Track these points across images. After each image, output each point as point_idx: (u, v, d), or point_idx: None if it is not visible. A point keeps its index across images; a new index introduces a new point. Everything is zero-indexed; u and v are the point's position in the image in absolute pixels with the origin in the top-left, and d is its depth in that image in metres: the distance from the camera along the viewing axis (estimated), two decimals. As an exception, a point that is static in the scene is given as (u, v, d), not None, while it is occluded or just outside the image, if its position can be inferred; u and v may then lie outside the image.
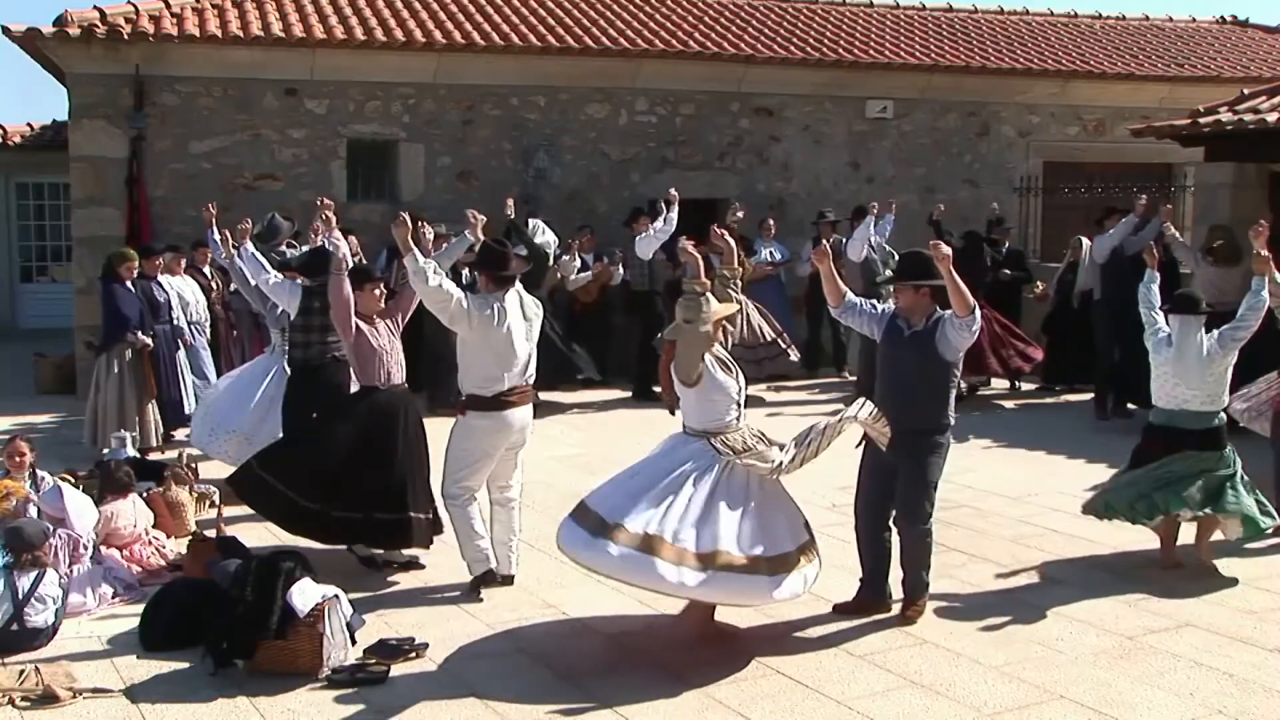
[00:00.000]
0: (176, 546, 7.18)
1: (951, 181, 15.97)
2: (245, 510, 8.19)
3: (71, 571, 6.25)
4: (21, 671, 5.32)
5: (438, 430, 6.88)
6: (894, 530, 6.24)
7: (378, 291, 6.95)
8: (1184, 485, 6.81)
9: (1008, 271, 12.92)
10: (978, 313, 5.88)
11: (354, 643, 5.65)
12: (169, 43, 12.77)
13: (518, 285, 6.61)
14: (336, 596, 5.63)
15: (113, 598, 6.40)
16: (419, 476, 6.80)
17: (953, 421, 6.13)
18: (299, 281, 7.93)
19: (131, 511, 7.05)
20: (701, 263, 6.10)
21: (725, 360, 5.88)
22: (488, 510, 6.73)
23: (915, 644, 5.86)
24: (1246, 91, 13.79)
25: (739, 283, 6.44)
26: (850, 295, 6.29)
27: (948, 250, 5.83)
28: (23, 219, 18.33)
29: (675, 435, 5.94)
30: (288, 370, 8.38)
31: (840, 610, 6.25)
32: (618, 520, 5.49)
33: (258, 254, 8.52)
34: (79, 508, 6.61)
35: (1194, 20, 20.61)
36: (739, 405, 5.86)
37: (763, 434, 5.92)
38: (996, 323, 12.11)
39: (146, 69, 12.88)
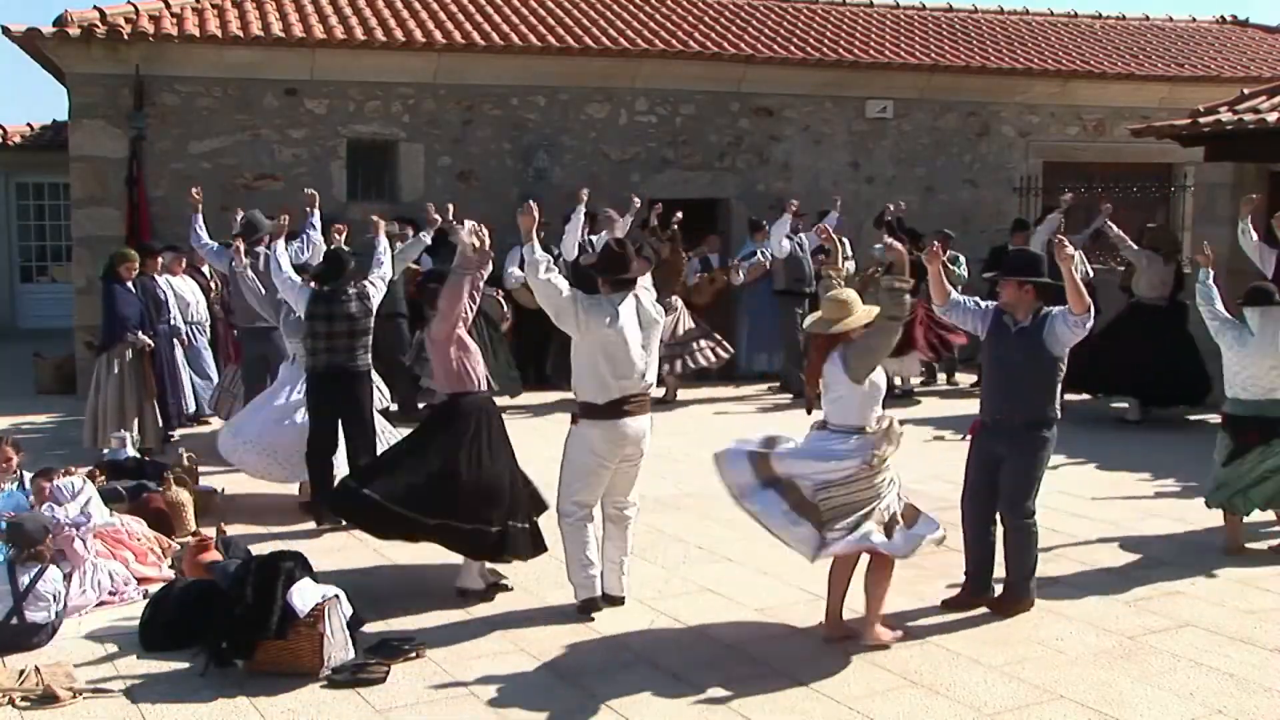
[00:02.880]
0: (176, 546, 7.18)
1: (951, 181, 15.97)
2: (246, 509, 8.24)
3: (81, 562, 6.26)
4: (21, 671, 5.31)
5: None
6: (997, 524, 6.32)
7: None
8: None
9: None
10: (1091, 311, 5.95)
11: (354, 643, 5.65)
12: (169, 43, 12.77)
13: (641, 289, 6.23)
14: (337, 596, 5.62)
15: (111, 594, 6.39)
16: (513, 483, 6.50)
17: (1059, 415, 6.22)
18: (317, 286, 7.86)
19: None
20: (905, 258, 5.92)
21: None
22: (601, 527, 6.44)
23: (915, 644, 5.85)
24: (1246, 91, 13.78)
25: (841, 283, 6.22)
26: (955, 294, 6.43)
27: (1072, 250, 5.97)
28: (23, 219, 18.35)
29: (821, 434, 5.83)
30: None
31: (948, 605, 6.34)
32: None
33: (279, 254, 8.25)
34: (96, 502, 6.64)
35: (1194, 20, 20.61)
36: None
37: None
38: (926, 312, 12.69)
39: (146, 69, 12.88)
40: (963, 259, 13.76)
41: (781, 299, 13.31)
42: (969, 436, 6.37)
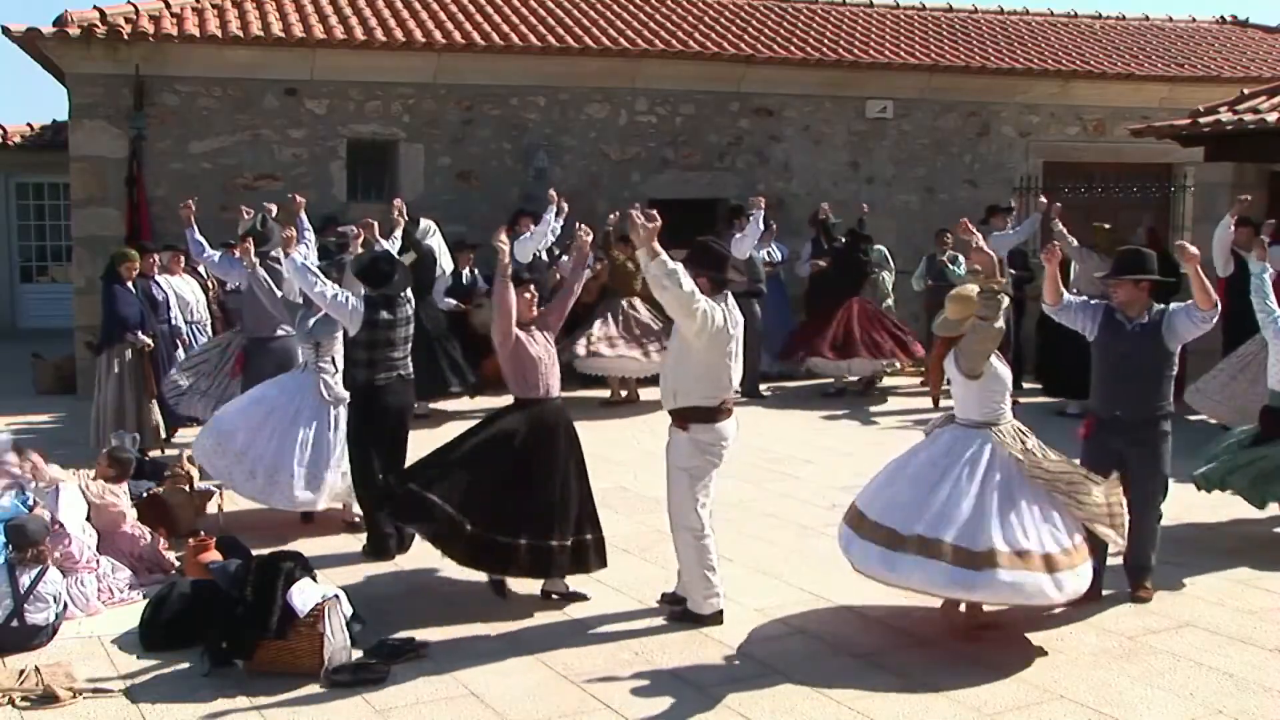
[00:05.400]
0: (176, 546, 7.17)
1: (951, 181, 15.97)
2: (246, 510, 8.23)
3: (73, 572, 6.25)
4: (21, 671, 5.32)
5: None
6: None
7: (528, 295, 6.45)
8: None
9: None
10: (1218, 307, 6.15)
11: (354, 643, 5.65)
12: (169, 43, 12.77)
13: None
14: (336, 596, 5.63)
15: (111, 597, 6.39)
16: (578, 497, 6.36)
17: (1173, 409, 6.47)
18: (364, 292, 7.24)
19: (124, 496, 7.04)
20: (995, 262, 5.92)
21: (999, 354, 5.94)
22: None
23: (915, 644, 5.85)
24: (1246, 91, 13.79)
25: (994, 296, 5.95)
26: (1068, 295, 6.62)
27: (1195, 251, 6.16)
28: (23, 219, 18.33)
29: (950, 430, 5.95)
30: (325, 393, 7.72)
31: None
32: (912, 530, 5.59)
33: (308, 263, 7.64)
34: (69, 502, 6.56)
35: (1194, 20, 20.61)
36: (1009, 396, 5.98)
37: (1023, 429, 5.94)
38: (864, 312, 12.76)
39: (146, 69, 12.88)
40: (961, 258, 13.76)
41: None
42: (1083, 435, 6.54)
